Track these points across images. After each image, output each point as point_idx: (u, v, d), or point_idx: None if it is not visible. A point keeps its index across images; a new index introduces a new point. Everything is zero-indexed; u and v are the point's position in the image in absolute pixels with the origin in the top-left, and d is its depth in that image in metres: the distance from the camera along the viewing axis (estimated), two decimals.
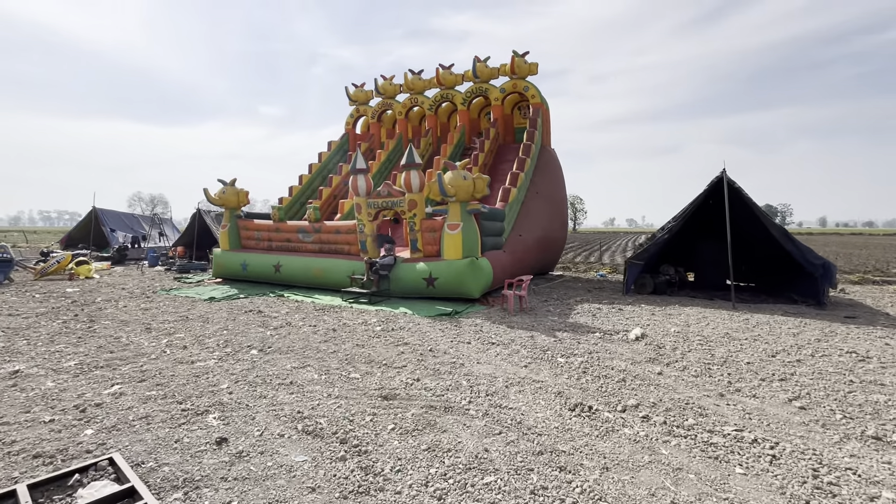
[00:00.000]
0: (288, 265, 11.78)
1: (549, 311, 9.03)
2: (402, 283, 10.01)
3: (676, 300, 10.29)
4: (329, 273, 11.08)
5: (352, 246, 11.31)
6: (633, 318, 8.26)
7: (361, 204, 10.78)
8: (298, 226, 12.20)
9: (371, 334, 6.97)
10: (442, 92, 16.56)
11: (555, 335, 6.98)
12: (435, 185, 9.85)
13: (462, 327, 7.49)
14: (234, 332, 7.11)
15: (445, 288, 9.59)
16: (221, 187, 13.33)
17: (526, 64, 14.94)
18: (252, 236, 13.15)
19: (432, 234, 10.18)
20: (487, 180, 9.53)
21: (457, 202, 9.71)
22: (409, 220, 10.33)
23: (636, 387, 4.75)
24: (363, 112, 18.42)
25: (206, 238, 18.65)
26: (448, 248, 9.66)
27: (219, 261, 13.12)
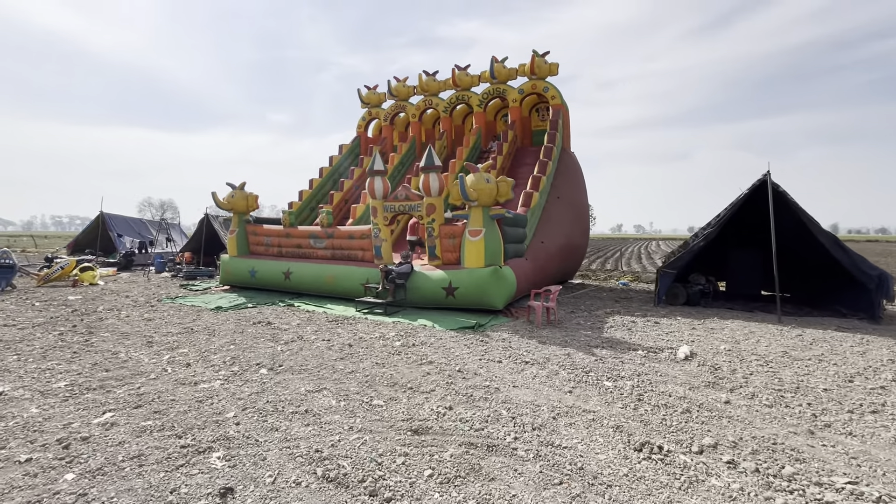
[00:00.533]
0: (298, 272, 11.23)
1: (580, 324, 8.37)
2: (420, 292, 9.40)
3: (713, 312, 9.58)
4: (342, 281, 10.51)
5: (366, 252, 10.74)
6: (674, 333, 7.57)
7: (377, 207, 10.22)
8: (310, 231, 11.67)
9: (391, 350, 6.36)
10: (457, 93, 16.04)
11: (593, 353, 6.32)
12: (456, 188, 9.27)
13: (489, 343, 6.85)
14: (241, 346, 6.53)
15: (466, 298, 8.97)
16: (230, 191, 12.86)
17: (546, 64, 14.39)
18: (261, 242, 12.64)
19: (452, 240, 9.58)
20: (512, 183, 8.93)
21: (479, 207, 9.12)
22: (427, 226, 9.74)
23: (706, 420, 4.08)
24: (375, 115, 17.95)
25: (214, 244, 18.21)
26: (469, 255, 9.05)
27: (226, 267, 12.61)
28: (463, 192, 8.70)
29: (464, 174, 8.92)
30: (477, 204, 9.03)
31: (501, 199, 9.05)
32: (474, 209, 9.13)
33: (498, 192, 8.98)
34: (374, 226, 10.33)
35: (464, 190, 8.68)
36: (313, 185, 16.13)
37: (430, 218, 9.65)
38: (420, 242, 10.52)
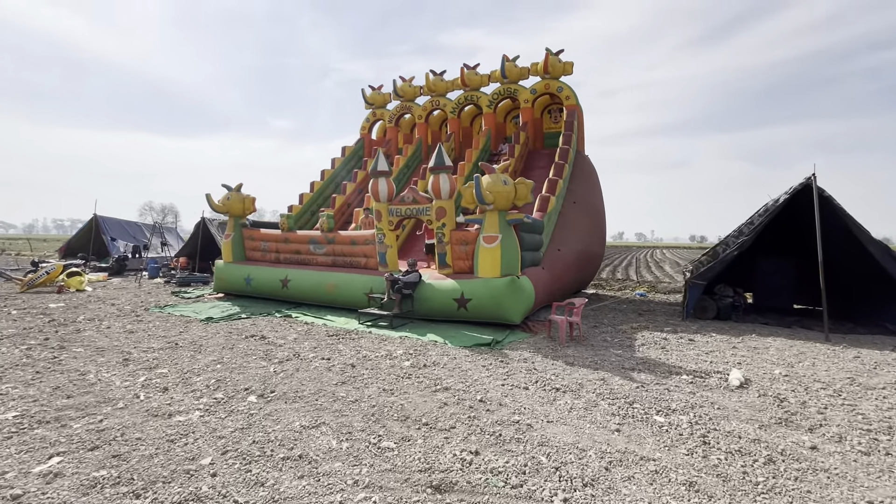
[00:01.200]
0: (297, 280, 10.46)
1: (606, 340, 7.58)
2: (429, 303, 8.62)
3: (748, 328, 8.77)
4: (343, 290, 9.73)
5: (369, 259, 9.97)
6: (714, 353, 6.77)
7: (382, 211, 9.47)
8: (309, 236, 10.91)
9: (399, 373, 5.56)
10: (466, 94, 15.35)
11: (631, 377, 5.52)
12: (468, 190, 8.52)
13: (510, 363, 6.06)
14: (229, 366, 5.74)
15: (480, 311, 8.18)
16: (226, 193, 12.13)
17: (560, 63, 13.71)
18: (258, 247, 11.89)
19: (464, 247, 8.81)
20: (530, 186, 8.18)
21: (495, 211, 8.36)
22: (436, 231, 8.98)
23: (798, 475, 3.28)
24: (380, 116, 17.27)
25: (210, 248, 17.46)
26: (484, 264, 8.28)
27: (220, 274, 11.85)
28: (478, 194, 7.95)
29: (479, 174, 8.16)
30: (493, 208, 8.27)
31: (519, 203, 8.30)
32: (490, 213, 8.37)
33: (516, 195, 8.23)
34: (378, 231, 9.58)
35: (479, 192, 7.93)
36: (314, 189, 15.42)
37: (441, 222, 8.90)
38: (430, 248, 9.80)
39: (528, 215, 8.49)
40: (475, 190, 7.93)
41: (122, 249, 19.33)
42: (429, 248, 10.22)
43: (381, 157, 9.51)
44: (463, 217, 8.84)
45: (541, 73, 13.97)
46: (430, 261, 10.25)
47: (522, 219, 8.32)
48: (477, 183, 7.91)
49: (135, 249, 19.35)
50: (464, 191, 8.78)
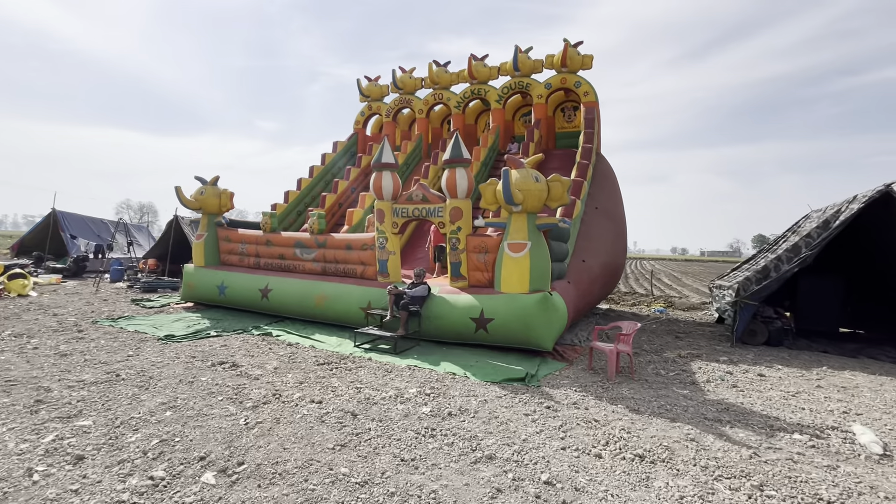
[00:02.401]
0: (280, 290, 8.88)
1: (660, 374, 6.22)
2: (439, 322, 7.16)
3: (810, 357, 7.54)
4: (335, 303, 8.19)
5: (367, 267, 8.46)
6: (802, 396, 5.47)
7: (385, 210, 8.00)
8: (296, 238, 9.35)
9: (418, 427, 4.08)
10: (473, 87, 14.03)
11: (725, 435, 4.15)
12: (490, 188, 7.13)
13: (559, 410, 4.64)
14: (183, 414, 4.18)
15: (503, 334, 6.75)
16: (199, 187, 10.50)
17: (579, 56, 12.50)
18: (234, 250, 10.26)
19: (482, 255, 7.39)
20: (568, 185, 6.81)
21: (523, 213, 6.98)
22: (450, 236, 7.55)
23: None
24: (376, 109, 15.82)
25: (183, 250, 15.67)
26: (509, 276, 6.87)
27: (190, 280, 10.17)
28: (507, 192, 6.54)
29: (507, 169, 6.76)
30: (521, 209, 6.88)
31: (552, 205, 6.92)
32: (516, 216, 6.98)
33: (549, 195, 6.86)
34: (379, 234, 8.10)
35: (508, 190, 6.52)
36: (302, 186, 13.84)
37: (455, 226, 7.46)
38: (438, 255, 8.40)
39: (564, 219, 7.12)
40: (503, 187, 6.52)
41: (83, 249, 17.35)
42: (440, 253, 8.80)
43: (386, 146, 8.06)
44: (482, 220, 7.43)
45: (557, 67, 12.74)
46: (440, 270, 8.80)
47: (557, 223, 6.95)
48: (506, 178, 6.50)
49: (97, 249, 17.40)
50: (484, 189, 7.39)
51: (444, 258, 8.80)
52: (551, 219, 6.97)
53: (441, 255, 8.65)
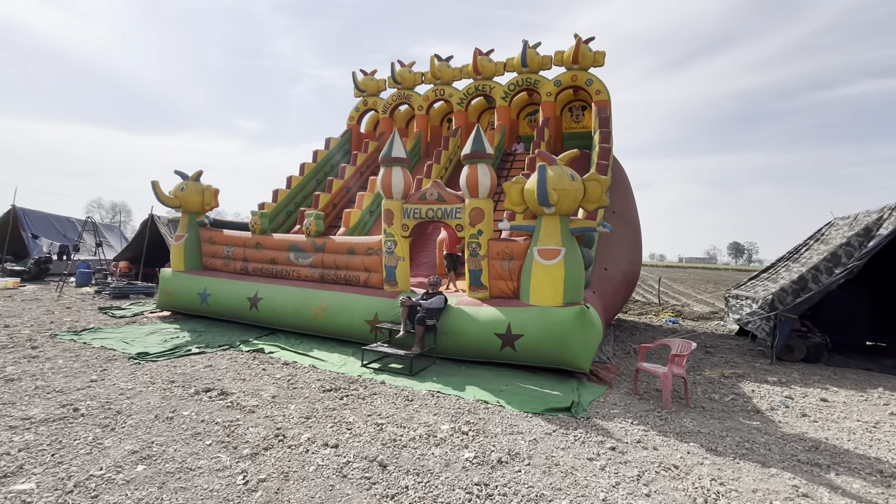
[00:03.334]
0: (271, 298, 7.89)
1: (713, 399, 5.50)
2: (459, 338, 6.31)
3: (858, 375, 6.97)
4: (337, 314, 7.26)
5: (373, 274, 7.55)
6: (882, 427, 4.82)
7: (394, 211, 7.12)
8: (290, 240, 8.37)
9: (466, 483, 3.21)
10: (477, 83, 13.27)
11: (835, 485, 3.42)
12: (516, 187, 6.34)
13: (626, 452, 3.84)
14: (160, 467, 3.21)
15: (534, 352, 5.94)
16: (179, 182, 9.41)
17: (591, 52, 11.87)
18: (219, 253, 9.20)
19: (507, 263, 6.58)
20: (606, 185, 6.06)
21: (555, 215, 6.20)
22: (469, 241, 6.71)
23: None
24: (372, 105, 14.90)
25: (159, 252, 14.42)
26: (540, 287, 6.07)
27: (167, 286, 9.06)
28: (543, 192, 5.74)
29: (544, 165, 5.95)
30: (554, 211, 6.10)
31: (589, 207, 6.16)
32: (548, 219, 6.20)
33: (585, 196, 6.09)
34: (387, 237, 7.21)
35: (544, 189, 5.72)
36: (292, 184, 12.80)
37: (476, 229, 6.64)
38: (460, 260, 7.54)
39: (604, 223, 6.35)
40: (539, 186, 5.71)
41: (46, 249, 15.87)
42: (449, 260, 7.93)
43: (396, 139, 7.20)
44: (507, 223, 6.62)
45: (568, 64, 12.08)
46: (451, 280, 7.94)
47: (596, 228, 6.18)
48: (542, 176, 5.69)
49: (62, 250, 15.94)
50: (509, 188, 6.59)
51: (455, 266, 7.96)
52: (588, 222, 6.21)
53: (453, 263, 7.77)
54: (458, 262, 7.82)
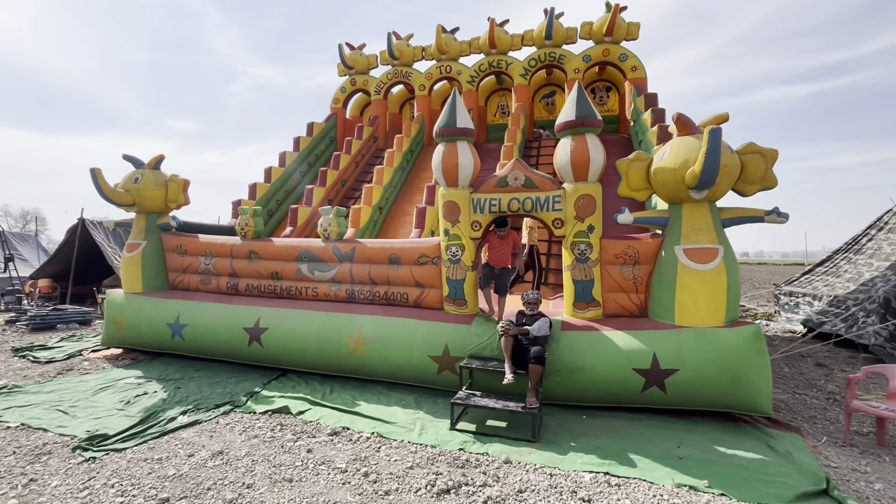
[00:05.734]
0: (281, 328, 5.66)
1: None
2: (578, 378, 4.51)
3: None
4: (386, 349, 5.20)
5: (427, 290, 5.54)
6: None
7: (459, 203, 5.19)
8: (301, 246, 6.15)
9: None
10: (490, 58, 11.50)
11: None
12: (639, 166, 4.67)
13: None
14: None
15: (693, 393, 4.28)
16: (132, 172, 6.88)
17: (624, 23, 10.48)
18: (193, 266, 6.76)
19: (630, 268, 4.87)
20: (774, 158, 4.49)
21: (704, 203, 4.57)
22: (573, 240, 4.92)
23: None
24: (361, 84, 12.70)
25: (92, 266, 11.39)
26: (692, 300, 4.41)
27: (118, 314, 6.52)
28: (713, 168, 4.06)
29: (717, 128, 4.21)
30: (704, 196, 4.47)
31: (750, 190, 4.55)
32: (695, 208, 4.55)
33: (743, 175, 4.50)
34: (450, 239, 5.25)
35: (716, 164, 4.04)
36: (272, 178, 10.38)
37: (586, 224, 4.86)
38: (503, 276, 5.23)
39: (777, 208, 4.74)
40: (709, 160, 4.01)
41: None
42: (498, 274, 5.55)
43: (459, 102, 5.25)
44: (631, 216, 4.89)
45: (598, 37, 10.61)
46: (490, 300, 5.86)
47: (764, 217, 4.58)
48: (716, 144, 3.99)
49: None
50: (625, 167, 4.90)
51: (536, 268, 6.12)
52: (749, 209, 4.62)
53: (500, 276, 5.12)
54: (506, 277, 5.21)
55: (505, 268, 5.18)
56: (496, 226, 5.15)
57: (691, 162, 4.34)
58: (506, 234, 5.15)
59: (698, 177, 4.15)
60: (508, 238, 5.17)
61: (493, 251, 5.22)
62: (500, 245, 5.17)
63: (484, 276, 5.20)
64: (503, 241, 5.16)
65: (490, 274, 5.17)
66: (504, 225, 5.13)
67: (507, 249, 5.18)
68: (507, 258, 5.18)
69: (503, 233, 5.12)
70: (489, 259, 5.27)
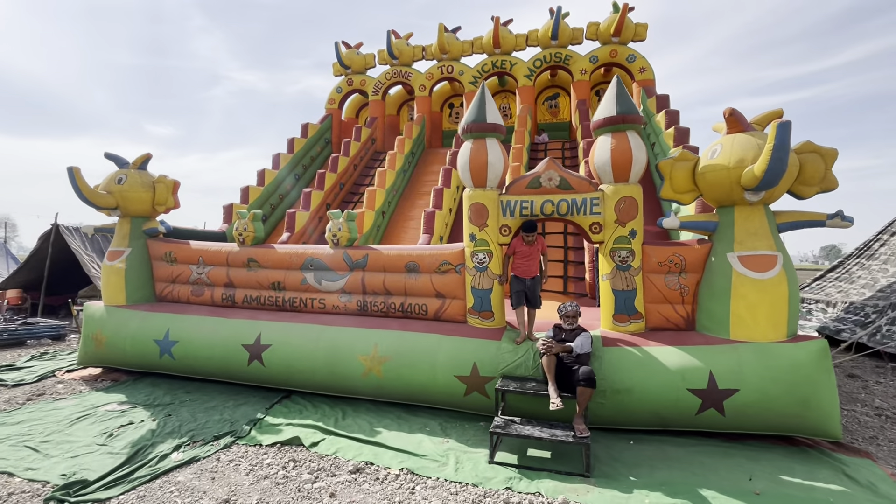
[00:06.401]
0: (285, 346, 5.09)
1: None
2: (626, 399, 4.07)
3: None
4: (406, 368, 4.67)
5: (449, 302, 5.04)
6: None
7: (487, 205, 4.73)
8: (307, 254, 5.58)
9: None
10: (494, 58, 11.13)
11: None
12: (683, 165, 4.30)
13: None
14: None
15: (756, 416, 3.88)
16: (115, 171, 6.23)
17: (632, 24, 10.24)
18: (183, 277, 6.13)
19: (673, 277, 4.46)
20: (834, 158, 4.15)
21: (759, 206, 4.20)
22: (614, 247, 4.49)
23: None
24: (359, 85, 12.21)
25: (66, 275, 10.57)
26: (750, 313, 4.02)
27: (98, 330, 5.84)
28: (779, 167, 3.68)
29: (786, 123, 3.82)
30: (760, 199, 4.10)
31: (808, 192, 4.19)
32: (750, 211, 4.18)
33: (801, 176, 4.15)
34: (477, 245, 4.78)
35: (784, 162, 3.66)
36: (266, 181, 9.77)
37: (628, 228, 4.44)
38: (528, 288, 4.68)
39: (842, 212, 4.37)
40: (776, 157, 3.62)
41: None
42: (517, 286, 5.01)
43: (488, 96, 4.80)
44: (677, 220, 4.49)
45: (605, 37, 10.35)
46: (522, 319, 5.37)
47: (825, 221, 4.22)
48: (785, 139, 3.60)
49: None
50: (668, 167, 4.52)
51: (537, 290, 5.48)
52: (808, 213, 4.26)
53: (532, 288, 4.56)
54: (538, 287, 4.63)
55: (535, 277, 4.71)
56: (524, 230, 4.65)
57: (749, 160, 3.96)
58: (534, 239, 4.66)
59: (760, 177, 3.76)
60: (537, 244, 4.69)
61: (522, 260, 4.67)
62: (529, 253, 4.65)
63: (515, 294, 4.60)
64: (532, 247, 4.65)
65: (521, 288, 4.59)
66: (533, 230, 4.61)
67: (536, 257, 4.67)
68: (537, 266, 4.68)
69: (532, 238, 4.60)
70: (516, 269, 4.71)
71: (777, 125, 3.61)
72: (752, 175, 3.82)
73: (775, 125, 3.63)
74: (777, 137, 3.61)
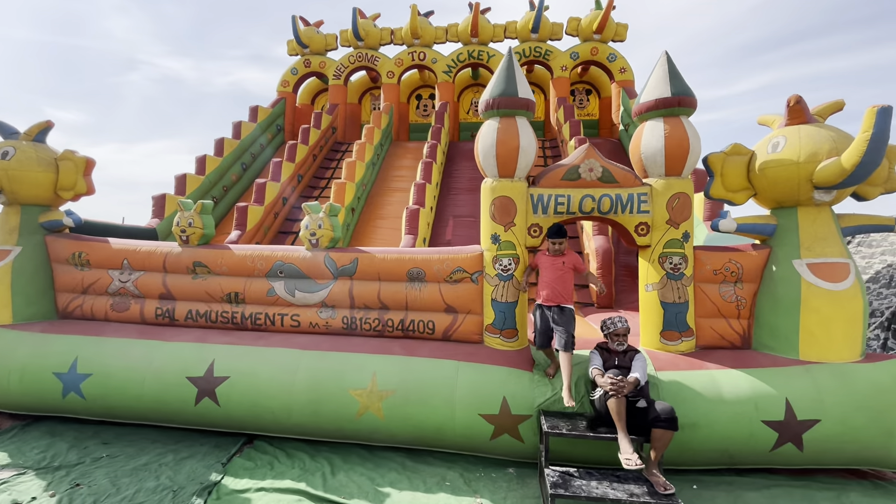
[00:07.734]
0: (249, 377, 3.86)
1: None
2: (696, 433, 3.37)
3: None
4: (414, 405, 3.64)
5: (462, 318, 4.10)
6: None
7: (516, 200, 3.87)
8: (275, 256, 4.37)
9: None
10: (470, 48, 10.37)
11: None
12: (737, 161, 3.80)
13: None
14: None
15: (838, 450, 3.36)
16: (1, 143, 4.62)
17: (613, 23, 9.95)
18: (99, 284, 4.63)
19: (729, 288, 3.87)
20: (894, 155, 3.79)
21: (826, 206, 3.72)
22: (664, 251, 3.82)
23: None
24: (318, 67, 10.90)
25: None
26: (823, 329, 3.52)
27: None
28: (876, 158, 3.16)
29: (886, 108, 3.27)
30: (832, 199, 3.62)
31: (873, 193, 3.78)
32: (814, 213, 3.69)
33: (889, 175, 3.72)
34: (500, 247, 3.91)
35: (881, 152, 3.15)
36: (207, 169, 8.21)
37: (681, 231, 3.79)
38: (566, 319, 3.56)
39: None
40: (873, 147, 3.10)
41: None
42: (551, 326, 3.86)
43: (516, 66, 3.95)
44: (734, 222, 3.90)
45: (587, 34, 9.98)
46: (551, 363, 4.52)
47: (894, 226, 3.81)
48: (884, 122, 3.08)
49: None
50: (719, 163, 3.95)
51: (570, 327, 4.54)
52: (876, 217, 3.84)
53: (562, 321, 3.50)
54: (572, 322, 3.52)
55: (565, 307, 3.53)
56: (548, 236, 3.77)
57: (824, 154, 3.45)
58: (563, 248, 3.64)
59: (850, 170, 3.24)
60: (568, 257, 3.64)
61: (549, 275, 3.58)
62: (555, 266, 3.58)
63: (540, 334, 3.58)
64: (558, 259, 3.60)
65: (546, 323, 3.52)
66: (561, 235, 3.68)
67: (568, 275, 3.61)
68: (569, 288, 3.61)
69: (560, 246, 3.60)
70: (540, 292, 3.64)
71: (876, 111, 3.11)
72: (840, 169, 3.29)
73: (873, 111, 3.12)
74: (876, 125, 3.10)
